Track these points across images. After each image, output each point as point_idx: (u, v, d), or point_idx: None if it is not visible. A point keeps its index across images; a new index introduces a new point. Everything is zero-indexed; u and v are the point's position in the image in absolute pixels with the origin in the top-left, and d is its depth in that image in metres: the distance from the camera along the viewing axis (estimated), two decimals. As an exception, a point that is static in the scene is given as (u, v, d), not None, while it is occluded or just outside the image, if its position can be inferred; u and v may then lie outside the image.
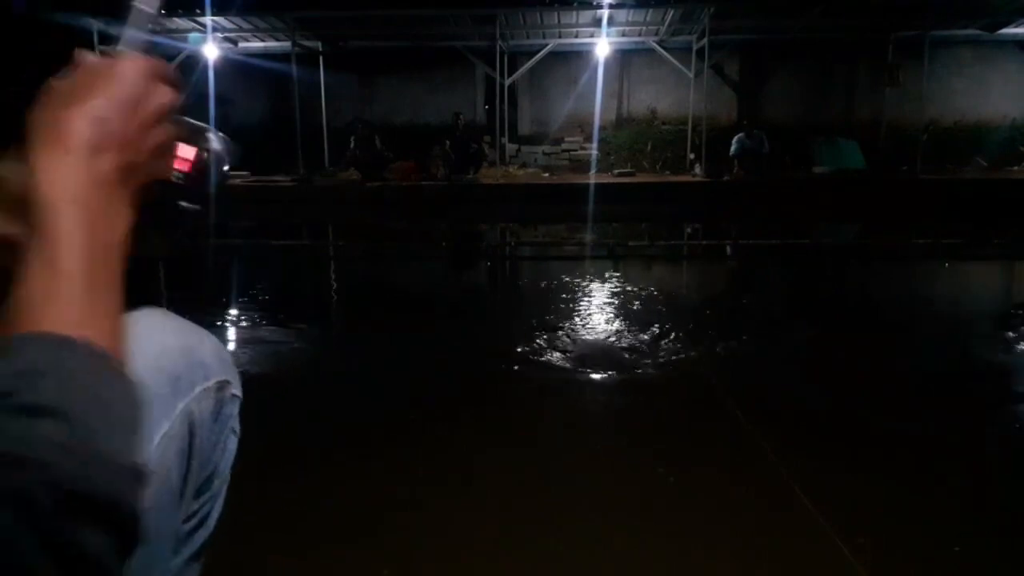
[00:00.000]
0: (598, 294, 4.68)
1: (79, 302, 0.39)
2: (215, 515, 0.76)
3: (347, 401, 2.78)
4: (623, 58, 13.56)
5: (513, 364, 3.17)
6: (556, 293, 4.71)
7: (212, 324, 3.87)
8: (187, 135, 0.56)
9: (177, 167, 0.55)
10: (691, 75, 12.21)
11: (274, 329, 3.86)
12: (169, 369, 0.65)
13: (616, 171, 12.57)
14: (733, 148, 11.83)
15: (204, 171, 0.57)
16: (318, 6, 11.25)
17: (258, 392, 2.75)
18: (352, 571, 1.69)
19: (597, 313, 4.17)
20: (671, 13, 11.43)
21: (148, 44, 0.50)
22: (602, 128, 13.50)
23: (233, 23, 11.89)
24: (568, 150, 13.66)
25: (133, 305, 0.46)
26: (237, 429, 0.79)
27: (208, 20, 11.26)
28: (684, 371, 3.13)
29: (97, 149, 0.42)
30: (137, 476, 0.36)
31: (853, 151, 12.32)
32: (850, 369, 3.21)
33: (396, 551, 1.75)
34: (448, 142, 11.99)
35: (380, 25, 11.99)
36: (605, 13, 11.21)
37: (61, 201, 0.40)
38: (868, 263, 6.74)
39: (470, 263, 7.13)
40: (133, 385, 0.39)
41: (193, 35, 11.70)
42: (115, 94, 0.44)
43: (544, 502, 1.97)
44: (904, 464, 2.23)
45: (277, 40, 12.82)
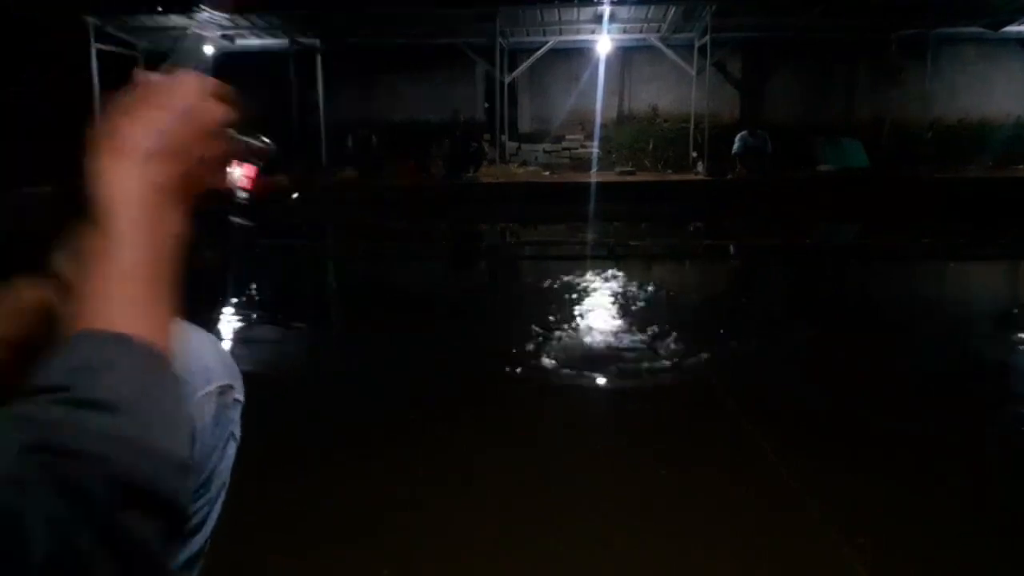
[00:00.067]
0: (599, 294, 4.68)
1: (135, 301, 0.40)
2: (213, 518, 0.76)
3: (347, 401, 2.79)
4: (624, 55, 13.54)
5: (513, 364, 3.17)
6: (556, 293, 4.71)
7: (211, 324, 3.87)
8: (241, 151, 0.57)
9: (231, 182, 0.57)
10: (693, 73, 12.19)
11: (273, 329, 3.87)
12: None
13: (618, 169, 12.56)
14: (736, 146, 11.80)
15: (257, 188, 0.59)
16: (317, 3, 11.24)
17: (258, 392, 2.75)
18: (352, 571, 1.69)
19: (597, 313, 4.16)
20: (673, 10, 11.42)
21: (205, 62, 0.53)
22: (603, 126, 13.47)
23: (230, 20, 11.87)
24: (569, 148, 13.63)
25: (188, 312, 0.47)
26: (237, 434, 0.78)
27: (205, 16, 11.22)
28: (684, 371, 3.13)
29: (154, 158, 0.45)
30: (184, 470, 0.37)
31: (856, 150, 12.30)
32: (850, 369, 3.21)
33: (396, 551, 1.75)
34: (448, 141, 11.98)
35: (379, 22, 11.98)
36: (606, 10, 11.19)
37: (120, 204, 0.43)
38: (872, 263, 6.73)
39: (470, 263, 7.13)
40: (181, 383, 0.42)
41: (189, 32, 11.70)
42: (172, 108, 0.47)
43: (544, 502, 1.97)
44: (904, 464, 2.23)
45: (275, 37, 12.80)
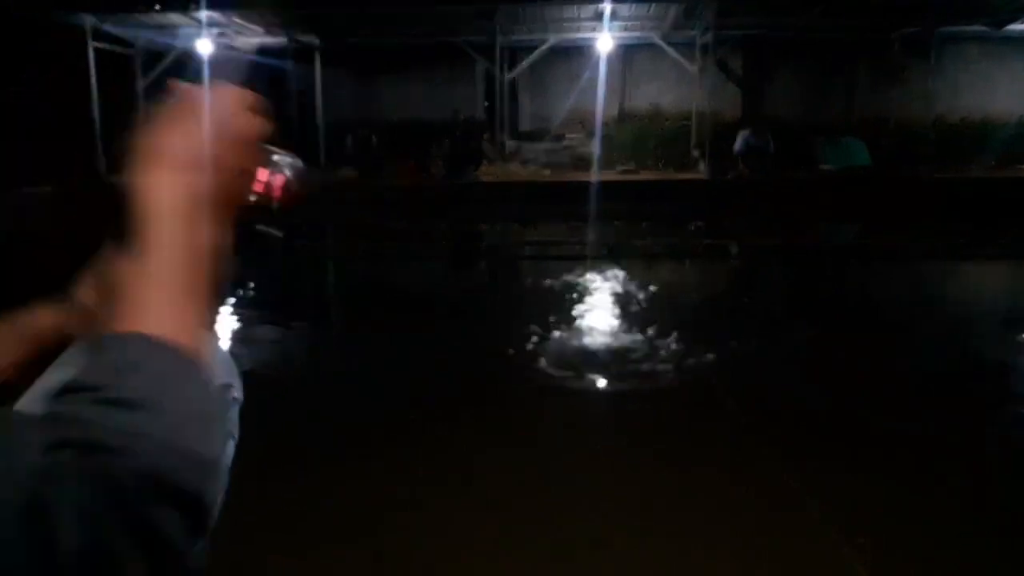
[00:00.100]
0: (599, 294, 4.67)
1: (171, 307, 0.42)
2: (212, 518, 0.76)
3: (347, 401, 2.79)
4: (625, 53, 13.52)
5: (513, 364, 3.17)
6: (557, 293, 4.71)
7: (211, 324, 3.87)
8: (272, 162, 0.59)
9: (263, 192, 0.58)
10: (694, 71, 12.18)
11: (273, 329, 3.87)
12: None
13: (619, 168, 12.54)
14: (738, 145, 11.78)
15: (288, 198, 0.60)
16: (315, 2, 11.23)
17: (258, 392, 2.75)
18: (352, 571, 1.69)
19: (598, 313, 4.16)
20: (674, 8, 11.39)
21: (241, 75, 0.51)
22: (604, 124, 13.44)
23: (228, 18, 11.84)
24: (570, 147, 13.62)
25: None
26: (236, 434, 0.78)
27: (203, 15, 11.20)
28: (684, 371, 3.13)
29: (193, 168, 0.46)
30: (211, 469, 0.39)
31: (858, 149, 12.27)
32: (850, 369, 3.21)
33: (396, 551, 1.75)
34: (448, 140, 11.97)
35: (378, 21, 11.96)
36: (607, 7, 11.17)
37: (160, 213, 0.44)
38: (873, 263, 6.73)
39: (470, 263, 7.12)
40: (213, 386, 0.43)
41: (184, 30, 11.67)
42: (210, 120, 0.48)
43: (544, 502, 1.97)
44: (904, 464, 2.23)
45: (273, 36, 12.78)
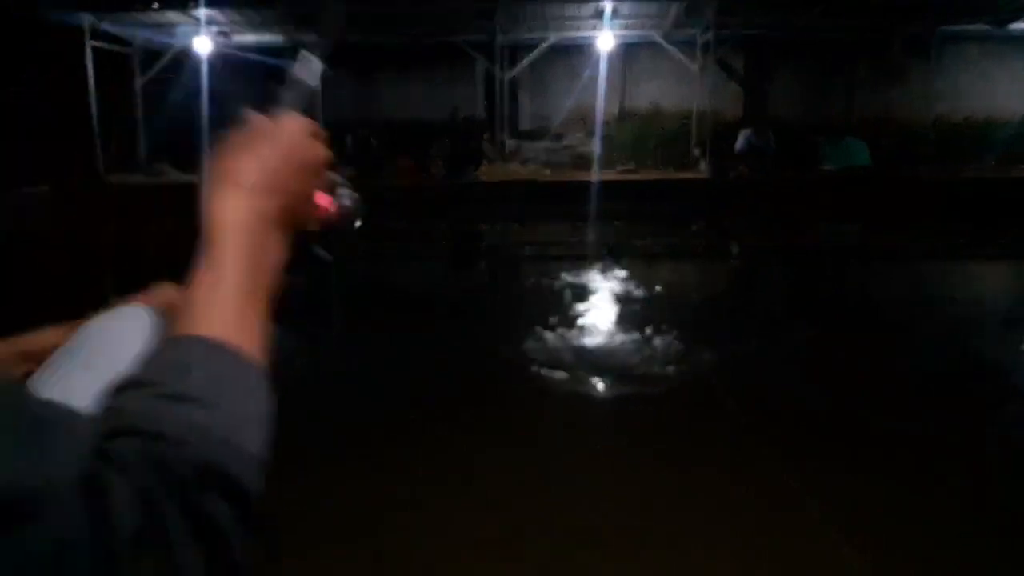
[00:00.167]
0: (599, 294, 4.67)
1: (233, 313, 0.45)
2: None
3: (347, 401, 2.79)
4: (626, 52, 13.50)
5: (513, 364, 3.17)
6: (557, 293, 4.70)
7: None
8: (333, 190, 0.62)
9: (324, 218, 0.60)
10: (695, 70, 12.18)
11: (273, 328, 3.86)
12: None
13: (619, 167, 12.53)
14: (739, 145, 11.77)
15: (343, 223, 0.62)
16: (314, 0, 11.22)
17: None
18: (352, 571, 1.69)
19: (598, 313, 4.16)
20: (674, 6, 11.38)
21: (306, 105, 0.58)
22: (605, 123, 13.44)
23: (226, 16, 11.84)
24: (570, 146, 13.61)
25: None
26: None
27: (202, 13, 11.19)
28: (684, 371, 3.13)
29: (262, 190, 0.50)
30: (260, 467, 0.40)
31: (860, 149, 12.26)
32: (850, 369, 3.21)
33: (396, 551, 1.75)
34: (448, 140, 11.96)
35: (378, 19, 11.95)
36: (608, 5, 11.15)
37: (229, 228, 0.47)
38: (874, 263, 6.72)
39: (470, 263, 7.12)
40: (268, 389, 0.45)
41: (182, 28, 11.66)
42: (279, 147, 0.52)
43: (544, 502, 1.97)
44: (904, 464, 2.23)
45: (272, 34, 12.77)
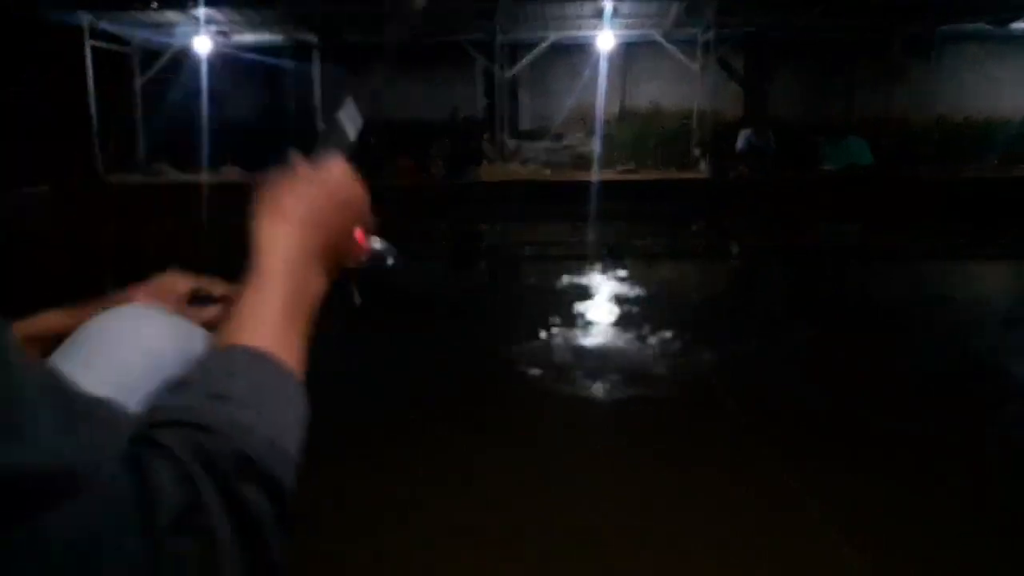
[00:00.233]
0: (599, 294, 4.67)
1: (276, 329, 0.49)
2: None
3: (347, 401, 2.78)
4: (626, 51, 13.49)
5: (513, 364, 3.17)
6: (557, 293, 4.70)
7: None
8: (371, 235, 0.66)
9: (363, 259, 0.64)
10: (695, 69, 12.17)
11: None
12: (164, 368, 0.64)
13: (619, 167, 12.53)
14: (739, 144, 11.76)
15: (376, 264, 0.66)
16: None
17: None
18: (352, 571, 1.69)
19: (598, 313, 4.16)
20: (675, 6, 11.38)
21: (350, 149, 0.63)
22: (605, 123, 13.44)
23: (225, 15, 11.83)
24: (570, 146, 13.61)
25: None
26: None
27: (201, 13, 11.19)
28: (684, 371, 3.13)
29: (307, 226, 0.54)
30: (295, 468, 0.43)
31: (861, 148, 12.26)
32: (850, 369, 3.21)
33: (396, 551, 1.75)
34: (448, 139, 11.96)
35: (377, 19, 11.94)
36: (608, 4, 11.15)
37: (276, 254, 0.52)
38: (874, 263, 6.72)
39: (470, 263, 7.12)
40: (303, 399, 0.48)
41: (182, 28, 11.66)
42: (324, 188, 0.57)
43: (544, 502, 1.97)
44: (904, 464, 2.23)
45: (272, 33, 12.77)
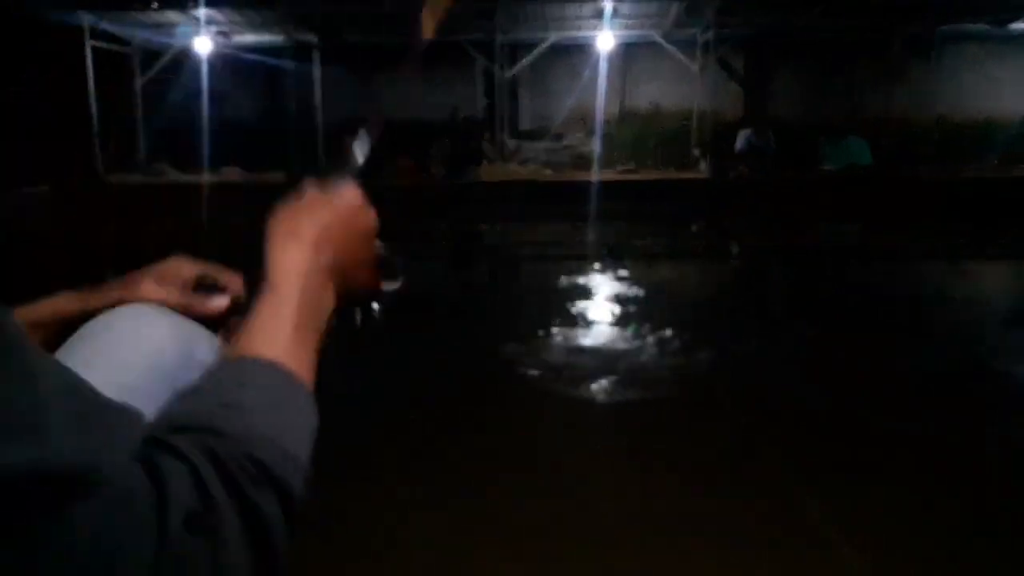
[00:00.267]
0: (599, 294, 4.67)
1: (287, 342, 0.51)
2: None
3: (347, 401, 2.78)
4: (626, 52, 13.50)
5: (513, 364, 3.17)
6: (557, 293, 4.70)
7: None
8: (381, 258, 0.67)
9: (366, 278, 0.65)
10: (695, 70, 12.18)
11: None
12: (166, 368, 0.64)
13: (619, 167, 12.53)
14: (739, 145, 11.76)
15: (384, 287, 0.67)
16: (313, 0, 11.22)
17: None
18: (352, 571, 1.69)
19: (598, 313, 4.16)
20: (675, 6, 11.38)
21: (361, 174, 0.65)
22: (605, 123, 13.44)
23: (226, 16, 11.84)
24: (570, 146, 13.62)
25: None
26: None
27: (201, 13, 11.19)
28: (684, 371, 3.13)
29: (320, 246, 0.56)
30: (304, 474, 0.44)
31: (861, 148, 12.26)
32: (850, 369, 3.21)
33: (396, 552, 1.75)
34: (448, 139, 11.96)
35: (377, 19, 11.94)
36: (608, 5, 11.15)
37: (289, 272, 0.54)
38: (874, 263, 6.72)
39: (470, 263, 7.12)
40: (313, 409, 0.49)
41: (182, 28, 11.66)
42: (336, 211, 0.59)
43: (544, 502, 1.97)
44: (904, 464, 2.23)
45: (272, 34, 12.78)
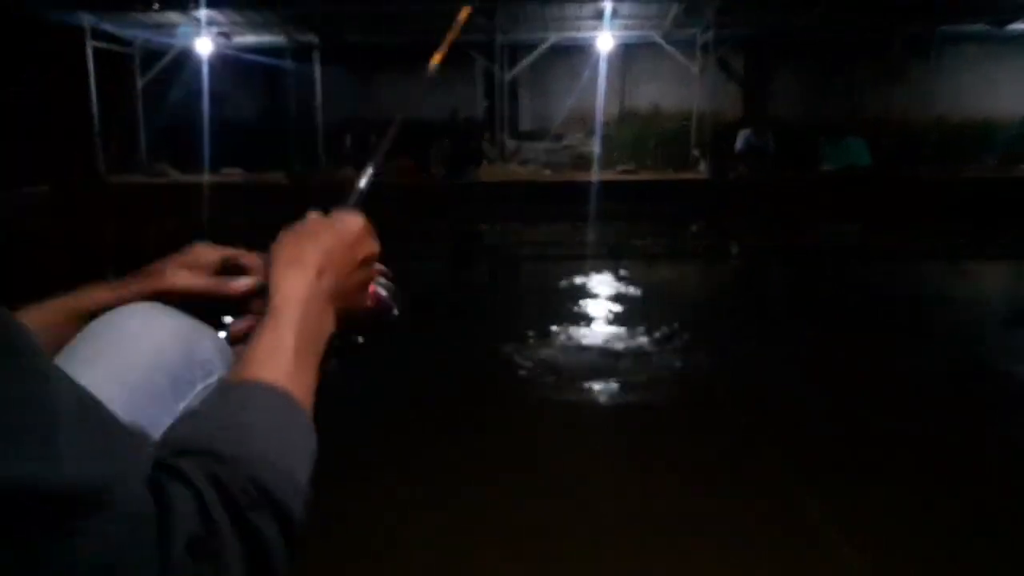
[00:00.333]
0: (599, 294, 4.67)
1: (289, 366, 0.52)
2: None
3: (347, 400, 2.78)
4: (626, 52, 13.50)
5: (513, 364, 3.17)
6: (557, 293, 4.71)
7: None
8: (379, 282, 0.68)
9: (373, 305, 0.67)
10: (695, 70, 12.18)
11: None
12: (168, 367, 0.64)
13: (619, 168, 12.54)
14: (738, 145, 11.77)
15: (381, 313, 0.69)
16: (314, 0, 11.23)
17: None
18: (352, 571, 1.69)
19: (598, 313, 4.16)
20: (674, 7, 11.38)
21: (363, 204, 0.67)
22: (604, 124, 13.44)
23: (227, 16, 11.84)
24: (570, 146, 13.62)
25: None
26: None
27: (202, 14, 11.20)
28: (684, 371, 3.13)
29: (321, 271, 0.57)
30: (302, 495, 0.45)
31: (860, 149, 12.27)
32: (850, 369, 3.21)
33: (395, 552, 1.75)
34: (448, 140, 11.96)
35: (377, 19, 11.95)
36: (608, 6, 11.16)
37: (290, 297, 0.55)
38: (873, 263, 6.72)
39: (470, 263, 7.12)
40: (312, 432, 0.51)
41: (183, 29, 11.67)
42: (339, 238, 0.60)
43: (544, 502, 1.97)
44: (904, 464, 2.23)
45: (272, 34, 12.78)
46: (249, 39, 13.13)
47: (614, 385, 2.96)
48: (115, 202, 9.40)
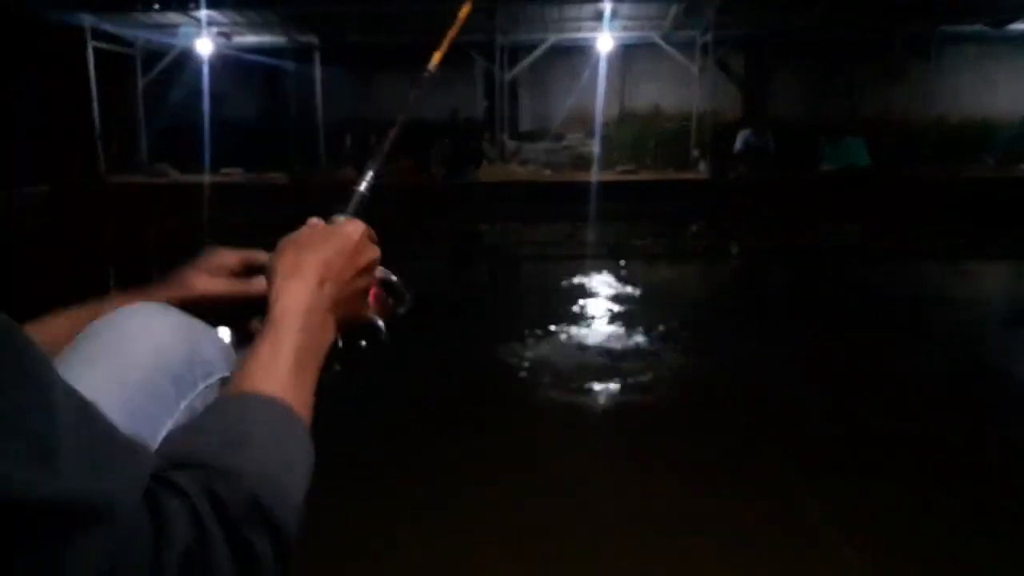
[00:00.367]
0: (599, 294, 4.67)
1: (287, 378, 0.51)
2: None
3: (347, 400, 2.78)
4: (626, 53, 13.51)
5: (513, 364, 3.17)
6: (557, 293, 4.71)
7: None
8: (382, 285, 0.68)
9: (375, 309, 0.67)
10: (695, 71, 12.18)
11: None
12: (170, 367, 0.65)
13: (619, 168, 12.54)
14: (738, 145, 11.77)
15: (387, 316, 0.68)
16: (314, 0, 11.23)
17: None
18: (352, 571, 1.69)
19: (598, 313, 4.16)
20: (674, 7, 11.38)
21: (363, 210, 0.67)
22: (604, 124, 13.44)
23: (227, 17, 11.85)
24: (569, 147, 13.62)
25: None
26: None
27: (203, 14, 11.20)
28: (684, 371, 3.13)
29: (322, 281, 0.57)
30: (297, 510, 0.45)
31: (859, 149, 12.27)
32: (850, 369, 3.21)
33: (396, 552, 1.75)
34: (448, 140, 11.97)
35: (377, 19, 11.96)
36: (607, 6, 11.16)
37: (291, 308, 0.55)
38: (873, 263, 6.72)
39: (470, 263, 7.12)
40: (311, 445, 0.50)
41: (184, 29, 11.67)
42: (339, 246, 0.60)
43: (543, 502, 1.97)
44: (904, 464, 2.23)
45: (273, 35, 12.79)
46: (249, 39, 13.14)
47: (614, 385, 2.96)
48: (115, 202, 9.40)
